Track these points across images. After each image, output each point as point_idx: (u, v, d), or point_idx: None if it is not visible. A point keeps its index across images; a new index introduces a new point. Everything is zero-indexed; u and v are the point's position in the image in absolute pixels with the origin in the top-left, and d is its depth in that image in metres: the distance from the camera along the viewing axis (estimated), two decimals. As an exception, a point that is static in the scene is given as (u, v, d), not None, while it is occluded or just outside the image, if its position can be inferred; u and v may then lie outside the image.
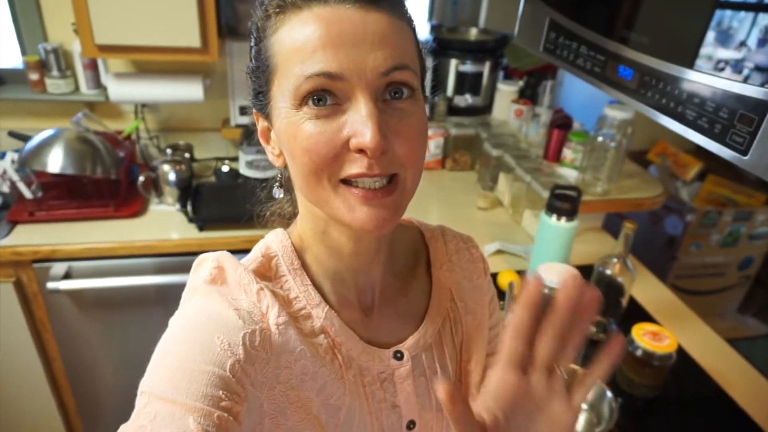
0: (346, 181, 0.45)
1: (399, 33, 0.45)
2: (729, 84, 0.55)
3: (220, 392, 0.42)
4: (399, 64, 0.44)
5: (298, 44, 0.43)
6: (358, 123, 0.42)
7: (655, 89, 0.65)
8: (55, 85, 1.73)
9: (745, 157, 0.53)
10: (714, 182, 2.48)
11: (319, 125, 0.43)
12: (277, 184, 0.57)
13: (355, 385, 0.53)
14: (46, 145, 1.50)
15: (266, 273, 0.52)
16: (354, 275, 0.54)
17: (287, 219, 0.60)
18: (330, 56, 0.42)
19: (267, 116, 0.50)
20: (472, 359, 0.62)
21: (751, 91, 0.52)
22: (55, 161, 1.48)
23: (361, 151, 0.43)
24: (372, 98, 0.43)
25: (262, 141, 0.53)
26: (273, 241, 0.54)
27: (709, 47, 0.58)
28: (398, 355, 0.56)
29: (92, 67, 1.73)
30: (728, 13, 0.56)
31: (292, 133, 0.45)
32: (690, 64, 0.60)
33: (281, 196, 0.58)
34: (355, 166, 0.43)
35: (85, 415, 1.80)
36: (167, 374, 0.42)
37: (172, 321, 0.48)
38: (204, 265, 0.51)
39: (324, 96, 0.43)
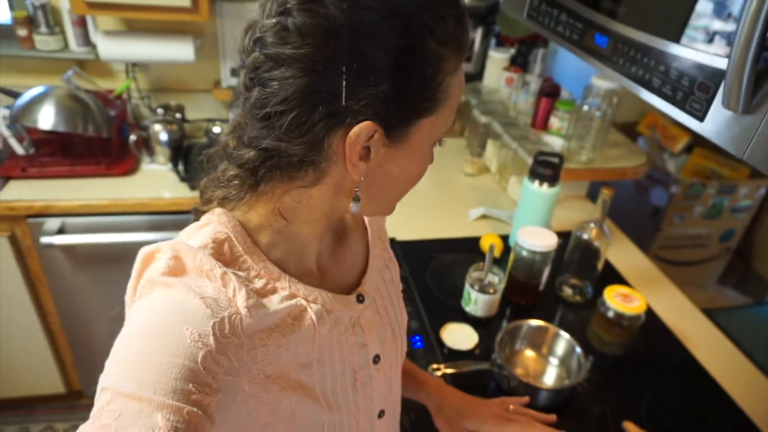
0: None
1: None
2: (692, 53, 0.58)
3: (190, 386, 0.41)
4: None
5: (457, 101, 0.50)
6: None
7: (627, 57, 0.68)
8: (44, 41, 1.71)
9: (702, 123, 0.56)
10: (701, 155, 2.51)
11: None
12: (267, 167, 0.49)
13: (329, 338, 0.56)
14: (37, 101, 1.50)
15: (221, 258, 0.49)
16: (309, 247, 0.56)
17: (225, 200, 0.54)
18: None
19: (395, 130, 0.47)
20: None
21: (709, 60, 0.55)
22: (47, 118, 1.49)
23: None
24: None
25: (354, 144, 0.46)
26: (218, 223, 0.51)
27: (706, 18, 0.58)
28: (360, 298, 0.60)
29: (81, 24, 1.71)
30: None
31: (419, 166, 0.52)
32: (661, 33, 0.63)
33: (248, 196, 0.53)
34: None
35: (81, 368, 1.86)
36: (133, 369, 0.40)
37: (131, 314, 0.46)
38: (158, 257, 0.48)
39: None
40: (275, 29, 0.44)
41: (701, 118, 0.57)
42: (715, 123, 0.55)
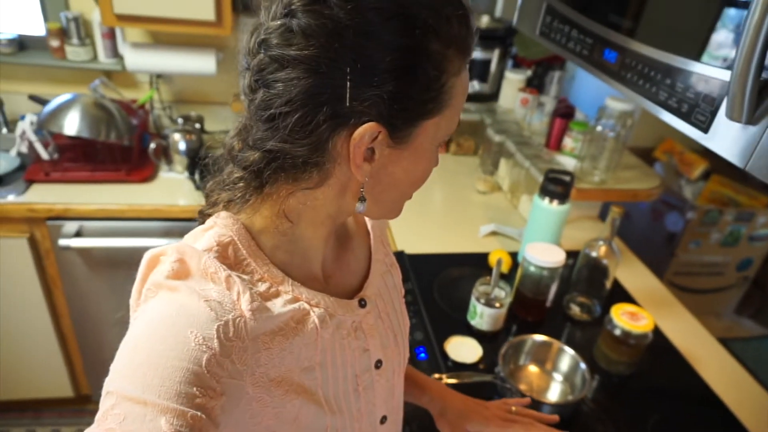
0: None
1: None
2: (698, 66, 0.59)
3: (195, 389, 0.41)
4: None
5: (461, 103, 0.50)
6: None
7: (634, 71, 0.69)
8: (75, 52, 1.78)
9: (706, 135, 0.57)
10: (718, 182, 2.49)
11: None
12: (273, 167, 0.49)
13: (331, 342, 0.56)
14: (64, 108, 1.56)
15: (225, 261, 0.49)
16: (313, 251, 0.57)
17: (230, 203, 0.55)
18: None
19: (399, 131, 0.47)
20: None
21: (714, 72, 0.56)
22: (72, 124, 1.54)
23: None
24: None
25: (359, 145, 0.46)
26: (223, 226, 0.51)
27: (726, 49, 0.58)
28: (362, 303, 0.60)
29: (110, 36, 1.78)
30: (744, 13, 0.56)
31: (424, 167, 0.52)
32: (671, 48, 0.64)
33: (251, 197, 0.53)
34: None
35: (90, 373, 1.88)
36: (137, 373, 0.41)
37: (136, 317, 0.47)
38: (163, 260, 0.48)
39: None
40: (280, 31, 0.44)
41: (705, 130, 0.57)
42: (719, 134, 0.56)
